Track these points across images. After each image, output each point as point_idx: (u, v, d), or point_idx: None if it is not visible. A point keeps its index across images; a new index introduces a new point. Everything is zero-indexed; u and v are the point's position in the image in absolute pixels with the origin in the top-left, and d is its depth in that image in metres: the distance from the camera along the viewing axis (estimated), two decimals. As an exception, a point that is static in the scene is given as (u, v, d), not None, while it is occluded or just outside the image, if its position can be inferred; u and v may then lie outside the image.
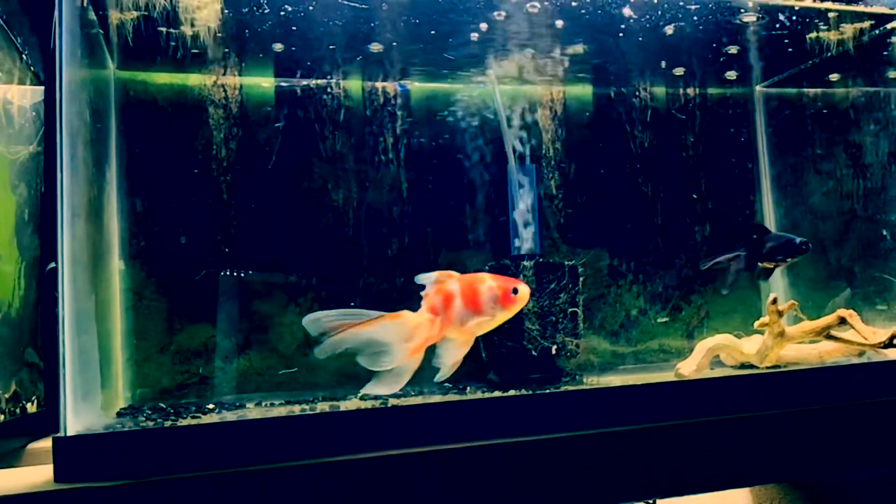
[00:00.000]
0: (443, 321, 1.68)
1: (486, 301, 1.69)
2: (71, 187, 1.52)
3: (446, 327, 1.69)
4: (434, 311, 1.68)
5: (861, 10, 2.40)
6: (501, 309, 1.70)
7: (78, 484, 1.40)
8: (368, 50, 2.24)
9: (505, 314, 1.72)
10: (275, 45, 2.18)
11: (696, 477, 1.73)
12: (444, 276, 1.72)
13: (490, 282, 1.71)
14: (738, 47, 2.51)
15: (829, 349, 2.15)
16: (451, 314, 1.68)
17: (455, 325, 1.69)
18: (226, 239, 2.27)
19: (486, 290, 1.70)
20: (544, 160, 2.57)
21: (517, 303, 1.71)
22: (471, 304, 1.69)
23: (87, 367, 1.63)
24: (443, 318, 1.68)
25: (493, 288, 1.70)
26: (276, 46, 2.19)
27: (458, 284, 1.71)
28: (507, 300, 1.70)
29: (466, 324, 1.69)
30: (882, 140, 2.65)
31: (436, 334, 1.68)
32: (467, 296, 1.69)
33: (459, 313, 1.68)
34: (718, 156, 2.79)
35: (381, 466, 1.53)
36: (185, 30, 2.01)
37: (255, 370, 2.27)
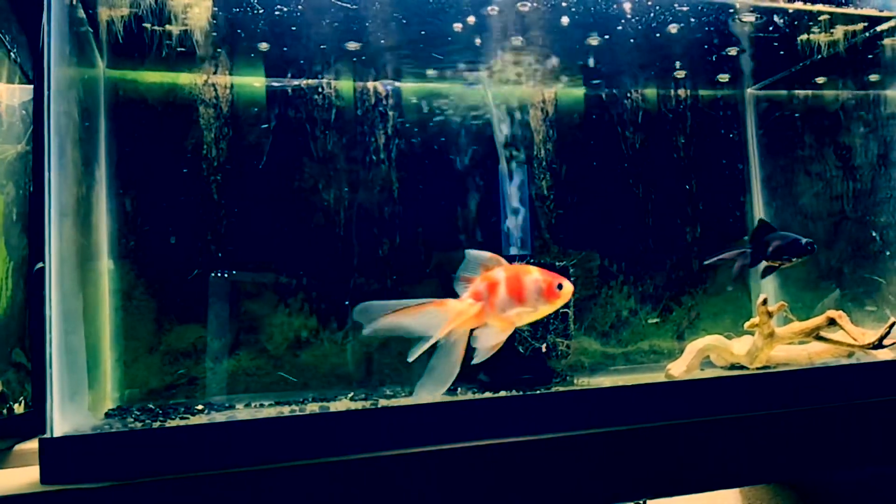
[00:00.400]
0: (485, 307, 1.70)
1: (531, 293, 1.71)
2: (59, 186, 1.51)
3: (488, 313, 1.70)
4: (478, 296, 1.70)
5: (851, 13, 2.41)
6: (545, 302, 1.72)
7: (64, 486, 1.39)
8: (359, 49, 2.24)
9: (547, 308, 1.73)
10: (266, 44, 2.18)
11: (686, 477, 1.73)
12: (493, 262, 1.73)
13: (536, 275, 1.72)
14: (729, 49, 2.52)
15: (818, 350, 2.15)
16: (494, 301, 1.70)
17: (497, 313, 1.70)
18: (216, 239, 2.26)
19: (531, 283, 1.71)
20: (535, 161, 2.57)
21: (560, 298, 1.72)
22: (515, 295, 1.70)
23: (74, 368, 1.62)
24: (486, 304, 1.70)
25: (539, 281, 1.72)
26: (267, 46, 2.18)
27: (505, 274, 1.72)
28: (550, 294, 1.71)
29: (508, 312, 1.70)
30: (872, 142, 2.66)
31: (478, 319, 1.70)
32: (512, 286, 1.71)
33: (503, 302, 1.70)
34: (709, 157, 2.79)
35: (371, 467, 1.53)
36: (175, 28, 2.01)
37: (244, 371, 2.26)
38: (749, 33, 2.43)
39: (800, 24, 2.41)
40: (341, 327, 2.34)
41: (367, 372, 2.34)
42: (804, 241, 2.28)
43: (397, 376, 2.36)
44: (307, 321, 2.32)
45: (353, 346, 2.34)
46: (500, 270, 1.72)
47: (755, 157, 2.87)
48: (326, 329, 2.33)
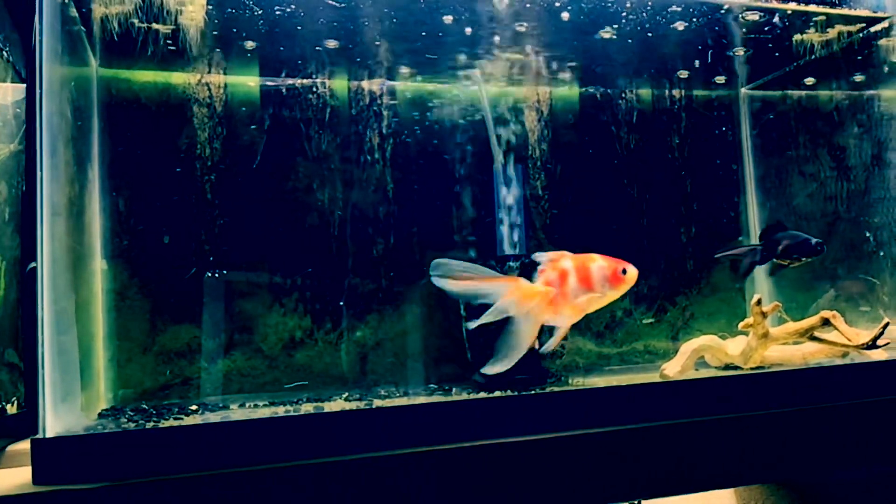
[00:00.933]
0: (557, 295, 1.77)
1: (598, 280, 1.78)
2: (51, 186, 1.50)
3: (559, 302, 1.77)
4: (549, 284, 1.78)
5: (845, 13, 2.42)
6: (611, 288, 1.79)
7: (57, 486, 1.38)
8: (352, 48, 2.24)
9: (614, 293, 1.80)
10: (261, 43, 2.17)
11: (680, 477, 1.73)
12: (557, 255, 1.81)
13: (601, 262, 1.80)
14: (723, 49, 2.52)
15: (812, 350, 2.16)
16: (565, 290, 1.77)
17: (568, 301, 1.78)
18: (210, 239, 2.25)
19: (597, 270, 1.79)
20: (530, 161, 2.57)
21: (626, 283, 1.80)
22: (584, 282, 1.78)
23: (67, 368, 1.61)
24: (557, 293, 1.77)
25: (604, 268, 1.79)
26: (262, 45, 2.18)
27: (572, 263, 1.80)
28: (616, 280, 1.79)
29: (578, 300, 1.78)
30: (865, 142, 2.67)
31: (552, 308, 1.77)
32: (580, 274, 1.78)
33: (573, 290, 1.78)
34: (704, 157, 2.80)
35: (366, 468, 1.52)
36: (168, 27, 2.00)
37: (239, 371, 2.25)
38: (743, 33, 2.44)
39: (794, 25, 2.42)
40: (336, 327, 2.33)
41: (361, 372, 2.34)
42: (814, 242, 2.30)
43: (392, 376, 2.35)
44: (301, 321, 2.31)
45: (348, 347, 2.34)
46: (568, 259, 1.80)
47: (749, 158, 2.88)
48: (321, 329, 2.32)
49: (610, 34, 2.33)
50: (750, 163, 2.87)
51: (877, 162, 2.64)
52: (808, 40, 2.49)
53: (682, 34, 2.37)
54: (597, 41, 2.36)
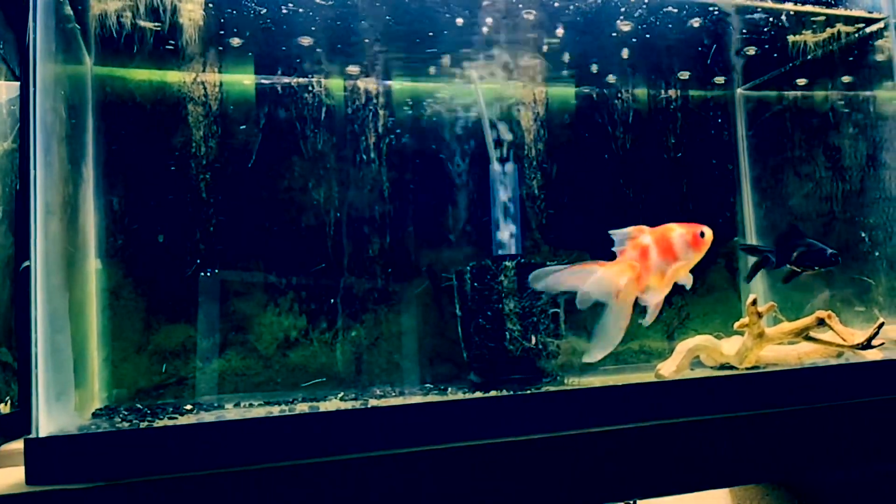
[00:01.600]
0: (642, 272, 1.80)
1: (680, 247, 1.82)
2: (45, 184, 1.49)
3: (645, 277, 1.80)
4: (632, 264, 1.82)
5: (841, 14, 2.42)
6: (694, 252, 1.83)
7: (49, 486, 1.37)
8: (349, 48, 2.23)
9: (697, 256, 1.84)
10: (256, 42, 2.17)
11: (675, 477, 1.73)
12: (636, 232, 1.84)
13: (679, 229, 1.84)
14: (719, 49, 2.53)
15: (807, 350, 2.16)
16: (648, 265, 1.80)
17: (654, 275, 1.81)
18: (205, 238, 2.24)
19: (678, 238, 1.82)
20: (526, 160, 2.56)
21: (705, 244, 1.83)
22: (667, 253, 1.81)
23: (60, 368, 1.61)
24: (641, 269, 1.80)
25: (684, 234, 1.83)
26: (258, 43, 2.17)
27: (651, 237, 1.83)
28: (697, 243, 1.83)
29: (665, 271, 1.81)
30: (861, 143, 2.67)
31: (639, 284, 1.81)
32: (662, 246, 1.81)
33: (657, 263, 1.81)
34: (700, 157, 2.80)
35: (361, 468, 1.52)
36: (163, 26, 1.99)
37: (234, 370, 2.25)
38: (739, 34, 2.44)
39: (790, 25, 2.42)
40: (331, 327, 2.33)
41: (357, 372, 2.34)
42: (829, 252, 2.32)
43: (387, 376, 2.35)
44: (297, 321, 2.31)
45: (343, 346, 2.33)
46: (646, 235, 1.83)
47: (745, 158, 2.88)
48: (316, 329, 2.32)
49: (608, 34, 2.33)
50: (745, 163, 2.88)
51: (872, 162, 2.64)
52: (804, 41, 2.49)
53: (680, 34, 2.37)
54: (595, 41, 2.36)
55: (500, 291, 2.07)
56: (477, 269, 2.12)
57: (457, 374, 2.33)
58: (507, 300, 2.06)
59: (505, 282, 2.07)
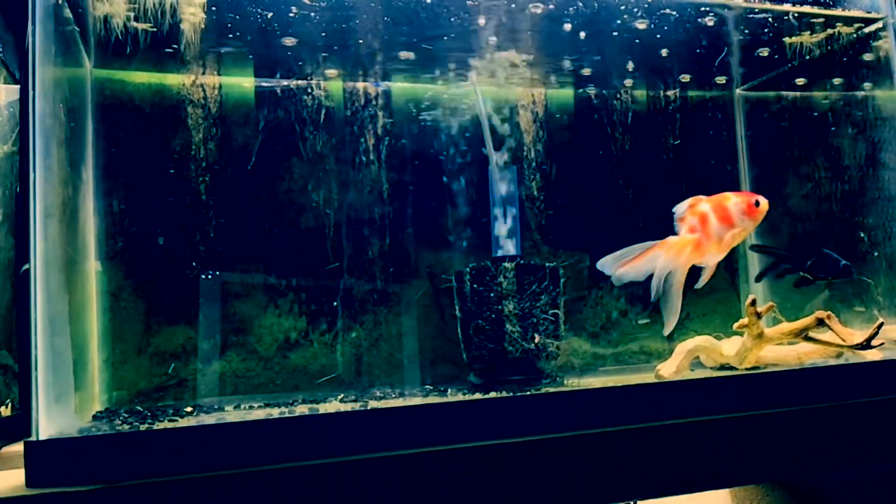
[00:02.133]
0: (701, 238, 1.93)
1: (736, 214, 1.94)
2: (45, 187, 1.49)
3: (705, 243, 1.94)
4: (693, 230, 1.95)
5: (839, 15, 2.43)
6: (749, 220, 1.95)
7: (50, 489, 1.37)
8: (349, 49, 2.23)
9: (752, 224, 1.96)
10: (255, 44, 2.17)
11: (676, 478, 1.73)
12: (695, 200, 1.97)
13: (735, 198, 1.96)
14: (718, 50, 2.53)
15: (807, 350, 2.16)
16: (707, 231, 1.93)
17: (713, 240, 1.94)
18: (204, 240, 2.24)
19: (734, 206, 1.95)
20: (525, 162, 2.57)
21: (761, 213, 1.95)
22: (724, 220, 1.93)
23: (60, 370, 1.61)
24: (701, 235, 1.93)
25: (740, 203, 1.95)
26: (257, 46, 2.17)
27: (710, 204, 1.95)
28: (752, 211, 1.95)
29: (723, 237, 1.93)
30: (860, 143, 2.67)
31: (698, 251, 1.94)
32: (719, 213, 1.94)
33: (715, 229, 1.93)
34: (699, 158, 2.80)
35: (361, 469, 1.52)
36: (162, 28, 1.99)
37: (234, 372, 2.25)
38: (737, 34, 2.44)
39: (789, 26, 2.42)
40: (331, 328, 2.33)
41: (357, 373, 2.34)
42: (842, 264, 2.36)
43: (387, 377, 2.35)
44: (297, 322, 2.31)
45: (343, 348, 2.33)
46: (705, 203, 1.96)
47: (744, 158, 2.88)
48: (316, 330, 2.32)
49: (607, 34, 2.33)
50: (745, 163, 2.88)
51: (871, 162, 2.65)
52: (803, 41, 2.49)
53: (678, 34, 2.38)
54: (594, 41, 2.36)
55: (499, 293, 2.07)
56: (476, 271, 2.12)
57: (456, 376, 2.33)
58: (506, 301, 2.06)
59: (504, 283, 2.08)
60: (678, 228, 1.97)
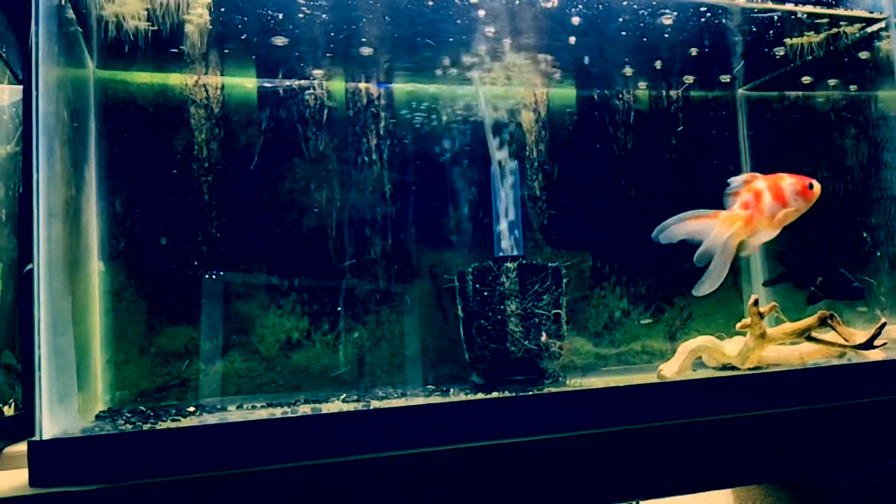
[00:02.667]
0: (753, 214, 2.00)
1: (790, 195, 2.00)
2: (47, 187, 1.50)
3: (757, 219, 2.01)
4: (746, 206, 2.01)
5: (842, 14, 2.42)
6: (803, 201, 2.01)
7: (53, 488, 1.38)
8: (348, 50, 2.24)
9: (805, 205, 2.02)
10: (257, 44, 2.17)
11: (678, 478, 1.73)
12: (750, 178, 2.04)
13: (790, 179, 2.02)
14: (721, 49, 2.53)
15: (809, 350, 2.16)
16: (761, 207, 2.00)
17: (765, 217, 2.01)
18: (207, 240, 2.25)
19: (788, 186, 2.01)
20: (528, 161, 2.57)
21: (814, 196, 2.01)
22: (778, 199, 2.00)
23: (63, 370, 1.61)
24: (754, 211, 2.00)
25: (794, 184, 2.01)
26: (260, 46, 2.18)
27: (765, 183, 2.02)
28: (806, 193, 2.01)
29: (775, 215, 2.00)
30: (862, 143, 2.67)
31: (748, 226, 2.01)
32: (774, 191, 2.00)
33: (769, 207, 2.00)
34: (701, 158, 2.80)
35: (363, 469, 1.52)
36: (165, 29, 1.99)
37: (236, 372, 2.25)
38: (740, 34, 2.44)
39: (791, 26, 2.42)
40: (333, 328, 2.33)
41: (359, 373, 2.34)
42: (854, 285, 2.39)
43: (389, 377, 2.35)
44: (299, 322, 2.31)
45: (345, 348, 2.34)
46: (761, 181, 2.02)
47: (746, 158, 2.88)
48: (318, 331, 2.32)
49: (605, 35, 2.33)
50: (747, 163, 2.87)
51: (873, 162, 2.64)
52: (805, 41, 2.49)
53: (680, 34, 2.37)
54: (595, 41, 2.36)
55: (501, 293, 2.07)
56: (479, 271, 2.12)
57: (459, 375, 2.33)
58: (508, 301, 2.06)
59: (507, 283, 2.08)
60: (729, 203, 2.03)
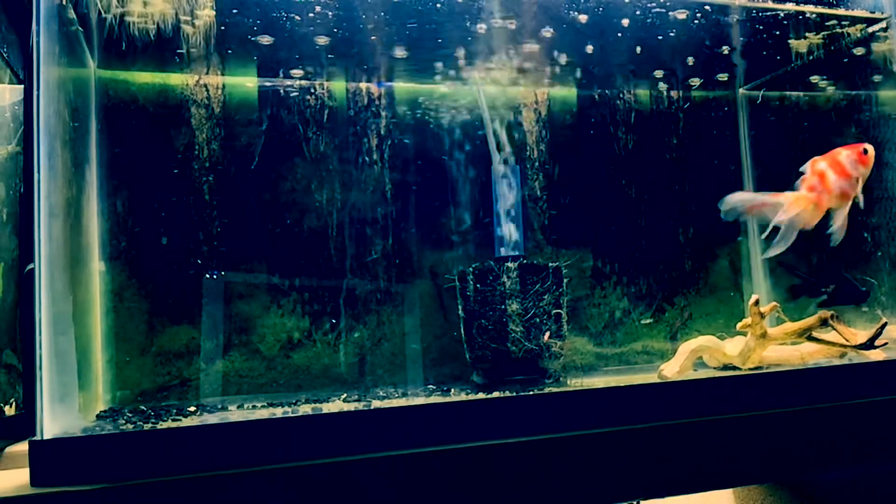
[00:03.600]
0: (821, 195, 2.08)
1: (850, 166, 2.08)
2: (49, 187, 1.50)
3: (826, 199, 2.08)
4: (812, 188, 2.09)
5: (843, 14, 2.42)
6: (863, 167, 2.09)
7: (54, 488, 1.38)
8: (348, 49, 2.24)
9: (866, 170, 2.10)
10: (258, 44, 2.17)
11: (679, 478, 1.73)
12: (811, 163, 2.12)
13: (845, 151, 2.10)
14: (722, 49, 2.52)
15: (810, 350, 2.16)
16: (828, 186, 2.08)
17: (835, 195, 2.08)
18: (208, 240, 2.25)
19: (846, 158, 2.09)
20: (528, 161, 2.57)
21: (870, 159, 2.09)
22: (841, 174, 2.08)
23: (64, 370, 1.61)
24: (821, 192, 2.08)
25: (850, 154, 2.10)
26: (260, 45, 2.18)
27: (826, 162, 2.10)
28: (863, 159, 2.09)
29: (844, 190, 2.08)
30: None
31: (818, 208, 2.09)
32: (836, 168, 2.08)
33: (836, 184, 2.08)
34: (702, 158, 2.80)
35: (364, 469, 1.52)
36: (166, 28, 2.00)
37: (237, 372, 2.25)
38: (741, 34, 2.44)
39: (792, 26, 2.42)
40: (334, 328, 2.33)
41: (360, 373, 2.34)
42: (861, 289, 2.46)
43: (390, 377, 2.35)
44: (300, 322, 2.31)
45: (346, 348, 2.34)
46: (822, 162, 2.10)
47: (747, 158, 2.87)
48: (319, 330, 2.32)
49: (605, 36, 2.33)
50: (748, 163, 2.87)
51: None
52: (806, 40, 2.49)
53: (681, 34, 2.37)
54: (593, 42, 2.36)
55: (502, 292, 2.07)
56: (480, 271, 2.12)
57: (459, 375, 2.33)
58: (509, 301, 2.07)
59: (508, 283, 2.08)
60: (798, 186, 2.11)
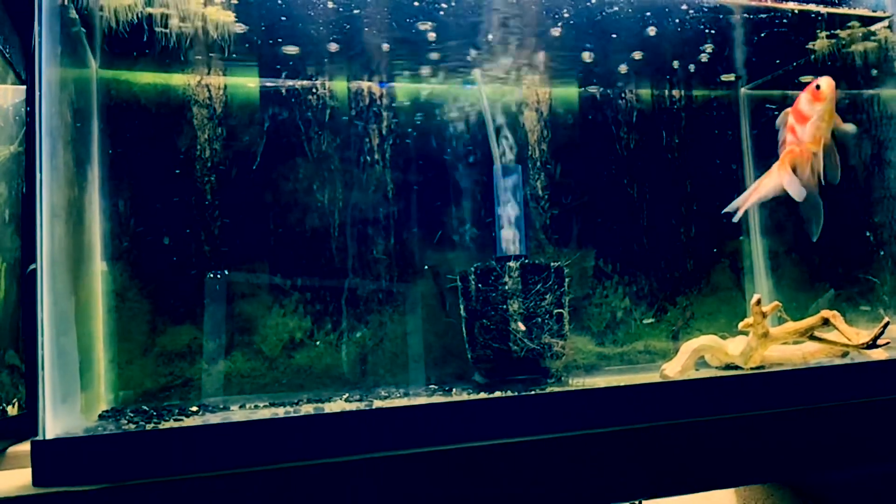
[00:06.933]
0: (793, 149, 2.15)
1: (807, 108, 2.10)
2: (51, 187, 1.50)
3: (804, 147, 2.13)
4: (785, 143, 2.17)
5: (844, 13, 2.42)
6: (820, 104, 2.09)
7: (56, 488, 1.38)
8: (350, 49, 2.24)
9: (826, 106, 2.09)
10: (259, 44, 2.17)
11: (680, 477, 1.73)
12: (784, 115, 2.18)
13: (802, 95, 2.13)
14: (723, 49, 2.52)
15: (812, 350, 2.16)
16: (797, 136, 2.13)
17: (807, 142, 2.12)
18: (210, 240, 2.25)
19: (802, 101, 2.12)
20: (530, 161, 2.57)
21: (825, 93, 2.08)
22: (800, 119, 2.12)
23: (67, 370, 1.61)
24: (793, 146, 2.15)
25: (804, 96, 2.11)
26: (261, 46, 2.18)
27: (791, 115, 2.16)
28: (816, 96, 2.09)
29: (811, 134, 2.10)
30: (865, 142, 2.66)
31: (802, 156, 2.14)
32: (797, 116, 2.13)
33: (801, 131, 2.12)
34: (704, 157, 2.80)
35: (366, 469, 1.53)
36: (168, 29, 2.00)
37: (239, 372, 2.25)
38: (742, 33, 2.44)
39: (794, 25, 2.42)
40: (335, 328, 2.33)
41: (361, 373, 2.34)
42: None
43: (392, 377, 2.35)
44: (301, 322, 2.31)
45: (348, 347, 2.34)
46: (787, 114, 2.16)
47: (749, 157, 2.87)
48: (321, 330, 2.32)
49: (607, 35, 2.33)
50: (750, 162, 2.87)
51: (876, 161, 2.64)
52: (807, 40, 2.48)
53: (682, 33, 2.37)
54: (594, 42, 2.36)
55: (504, 292, 2.07)
56: (481, 270, 2.12)
57: (461, 375, 2.33)
58: (511, 301, 2.07)
59: (509, 283, 2.08)
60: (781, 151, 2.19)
